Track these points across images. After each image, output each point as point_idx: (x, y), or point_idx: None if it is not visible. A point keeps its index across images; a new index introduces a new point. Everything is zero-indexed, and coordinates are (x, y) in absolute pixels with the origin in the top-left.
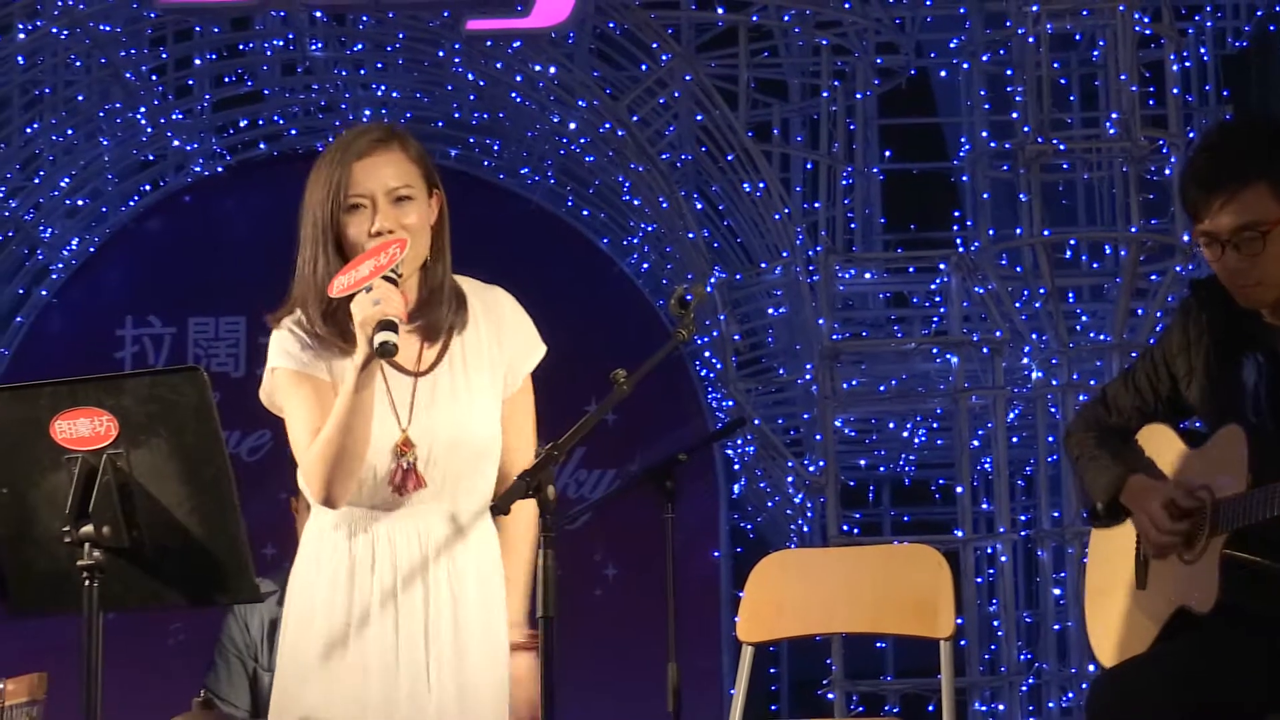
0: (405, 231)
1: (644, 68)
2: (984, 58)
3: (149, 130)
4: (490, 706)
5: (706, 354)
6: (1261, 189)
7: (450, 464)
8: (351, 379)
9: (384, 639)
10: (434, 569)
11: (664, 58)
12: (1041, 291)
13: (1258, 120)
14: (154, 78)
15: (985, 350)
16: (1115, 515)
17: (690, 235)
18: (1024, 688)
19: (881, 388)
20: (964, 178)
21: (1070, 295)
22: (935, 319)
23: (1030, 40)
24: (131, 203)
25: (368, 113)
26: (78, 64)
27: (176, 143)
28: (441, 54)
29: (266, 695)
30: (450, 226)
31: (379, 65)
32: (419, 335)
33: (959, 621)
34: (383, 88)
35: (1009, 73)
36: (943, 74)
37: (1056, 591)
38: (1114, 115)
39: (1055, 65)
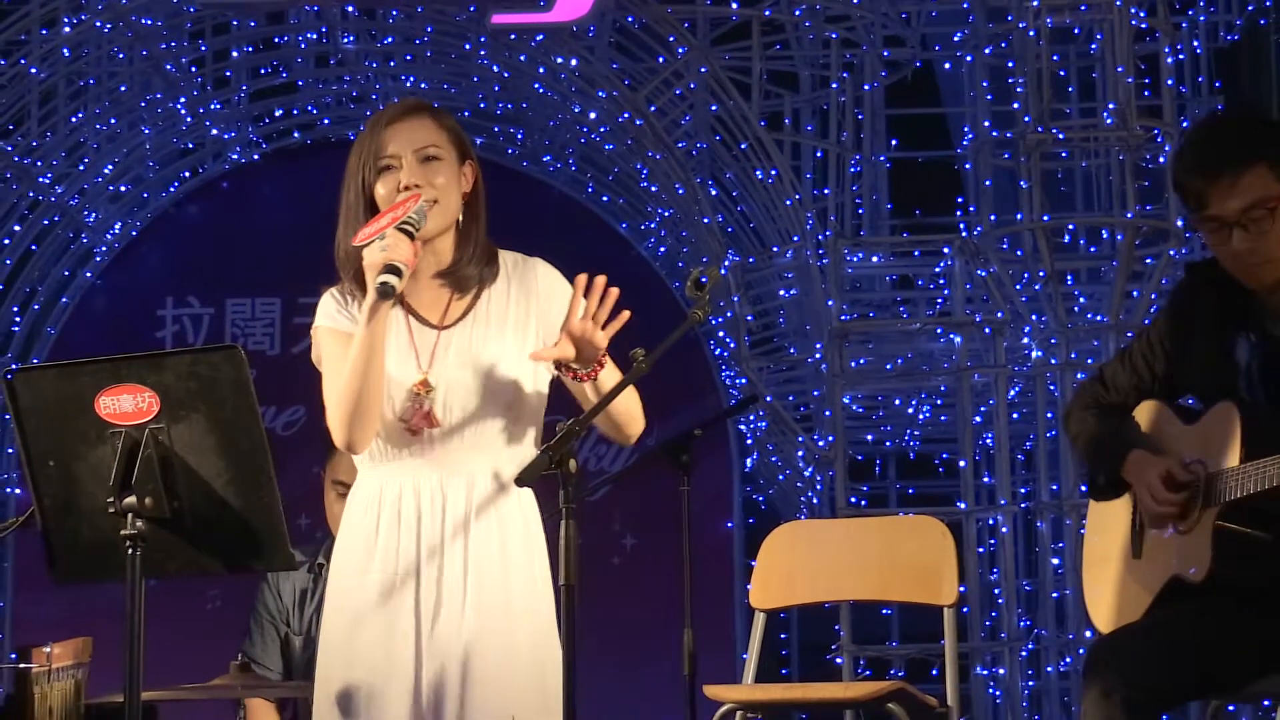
0: (433, 190)
1: (661, 60)
2: (986, 51)
3: (188, 119)
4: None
5: (721, 334)
6: (1262, 169)
7: (468, 409)
8: (362, 320)
9: (406, 597)
10: (461, 523)
11: (680, 50)
12: (1041, 274)
13: (1247, 111)
14: (193, 69)
15: (987, 330)
16: (1117, 488)
17: (705, 220)
18: (1023, 653)
19: (888, 366)
20: (967, 165)
21: (1069, 278)
22: (939, 300)
23: (1031, 34)
24: (171, 189)
25: (396, 103)
26: (120, 56)
27: (215, 131)
28: (468, 47)
29: (298, 659)
30: None
31: (408, 57)
32: (448, 290)
33: (961, 589)
34: (411, 79)
35: (1010, 65)
36: (947, 66)
37: (1055, 561)
38: (1111, 106)
39: (1055, 58)
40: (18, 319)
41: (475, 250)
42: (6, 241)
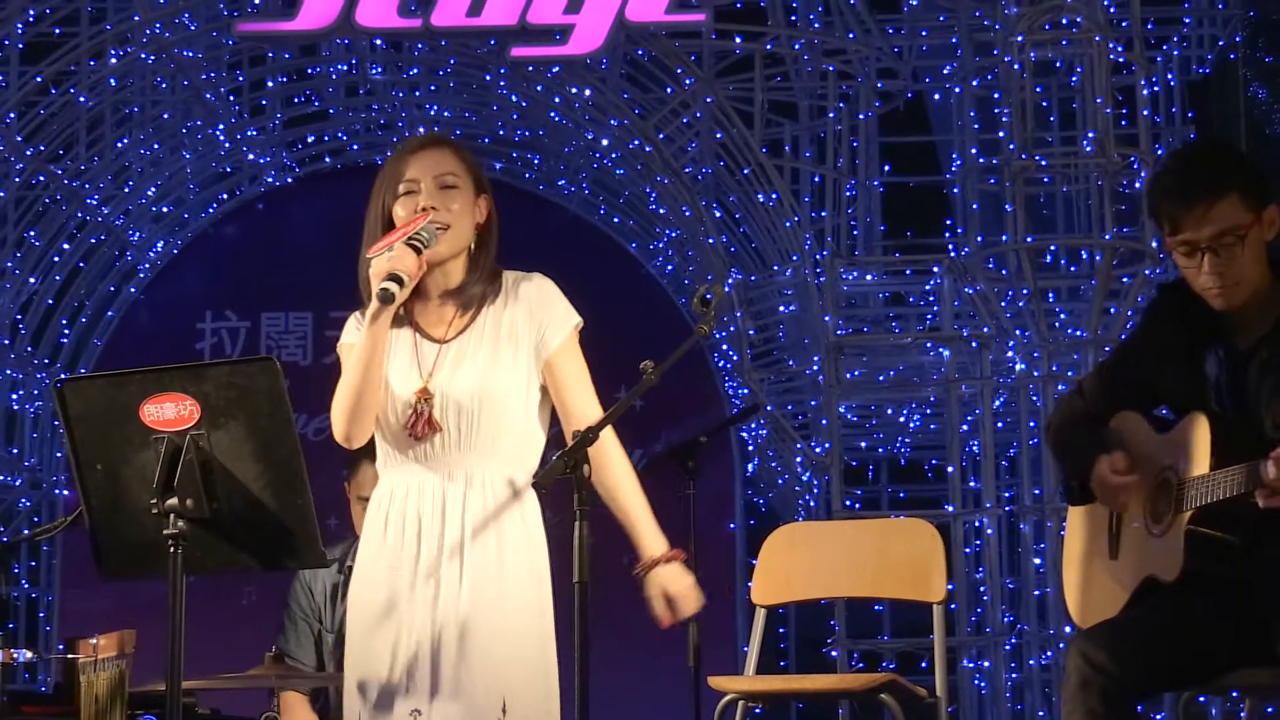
0: (449, 215)
1: (669, 90)
2: (974, 83)
3: (226, 145)
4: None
5: (724, 347)
6: (1234, 198)
7: (462, 415)
8: (365, 323)
9: (410, 587)
10: (459, 521)
11: (687, 82)
12: (1025, 292)
13: (1218, 141)
14: (231, 98)
15: (974, 344)
16: (1088, 493)
17: (710, 241)
18: (1007, 646)
19: (881, 378)
20: (955, 190)
21: (1050, 295)
22: (929, 316)
23: (1015, 67)
24: (210, 209)
25: (421, 130)
26: (163, 85)
27: (251, 156)
28: (488, 77)
29: (329, 652)
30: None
31: (432, 87)
32: (452, 308)
33: (949, 587)
34: (435, 107)
35: (996, 96)
36: (936, 97)
37: (1036, 561)
38: (1090, 134)
39: (1038, 89)
40: (67, 331)
41: (482, 275)
42: (56, 259)
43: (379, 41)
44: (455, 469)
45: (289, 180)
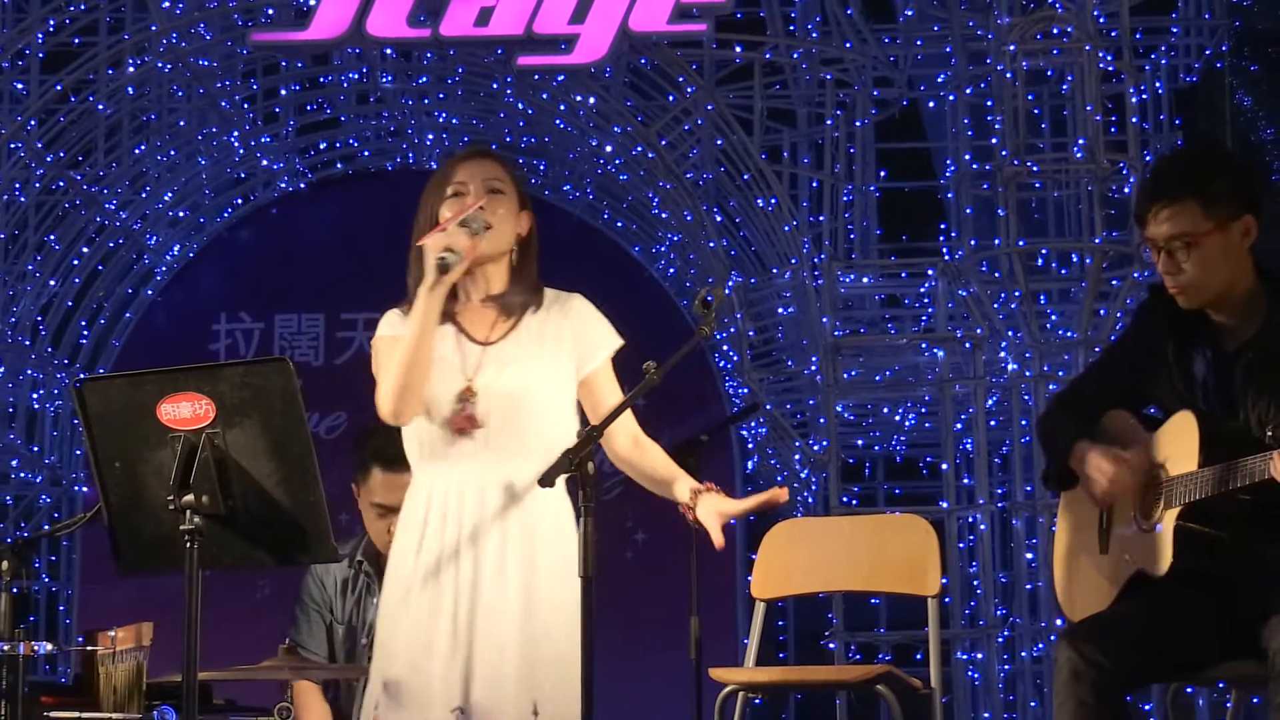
0: (493, 216)
1: (671, 98)
2: (967, 91)
3: (241, 151)
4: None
5: (725, 348)
6: (1192, 206)
7: (506, 414)
8: (420, 298)
9: (446, 582)
10: (497, 516)
11: (689, 90)
12: (1017, 294)
13: (1200, 148)
14: (245, 106)
15: (968, 345)
16: (1063, 480)
17: (711, 244)
18: (1000, 639)
19: (877, 377)
20: (949, 195)
21: (1042, 297)
22: (924, 318)
23: (1008, 75)
24: (225, 214)
25: (431, 137)
26: (179, 94)
27: (265, 162)
28: (495, 86)
29: (340, 644)
30: None
31: (441, 95)
32: (494, 313)
33: (943, 581)
34: (444, 115)
35: (989, 104)
36: (931, 105)
37: (1029, 555)
38: (1080, 141)
39: (1030, 97)
40: (86, 332)
41: (524, 285)
42: (76, 262)
43: (389, 51)
44: (492, 466)
45: (302, 185)
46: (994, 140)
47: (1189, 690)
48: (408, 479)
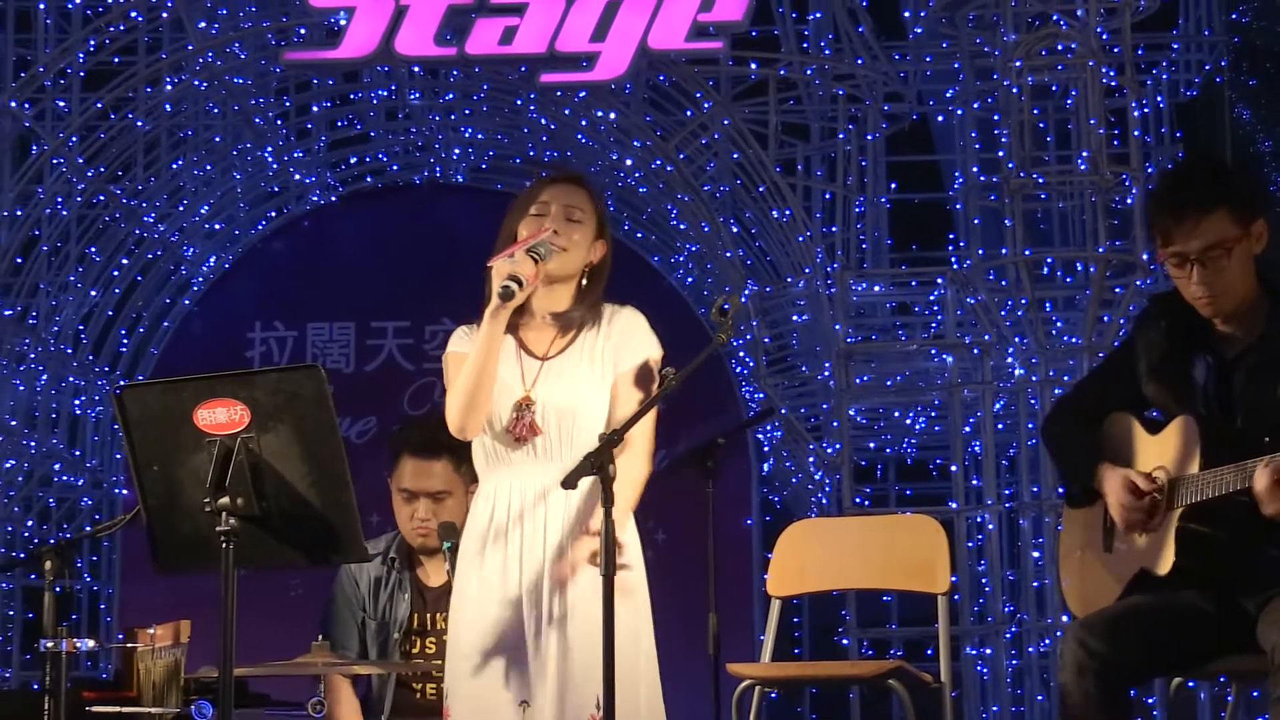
0: (567, 241)
1: (689, 113)
2: (975, 105)
3: (274, 166)
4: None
5: (741, 354)
6: (1223, 213)
7: (561, 423)
8: (485, 321)
9: (511, 581)
10: (558, 518)
11: (706, 105)
12: (1023, 302)
13: (1205, 158)
14: (279, 122)
15: (976, 351)
16: (1089, 496)
17: (728, 254)
18: (1008, 635)
19: (888, 382)
20: (958, 206)
21: (1047, 305)
22: (934, 325)
23: (1014, 90)
24: (259, 227)
25: (457, 152)
26: (215, 111)
27: (297, 176)
28: (519, 102)
29: (372, 639)
30: None
31: (467, 111)
32: (554, 330)
33: (953, 579)
34: (470, 130)
35: (996, 117)
36: (940, 119)
37: (1035, 554)
38: (1084, 153)
39: (1035, 111)
40: (125, 341)
41: (585, 306)
42: (116, 273)
43: (417, 69)
44: (551, 472)
45: (333, 199)
46: (1001, 153)
47: (1190, 684)
48: (435, 467)
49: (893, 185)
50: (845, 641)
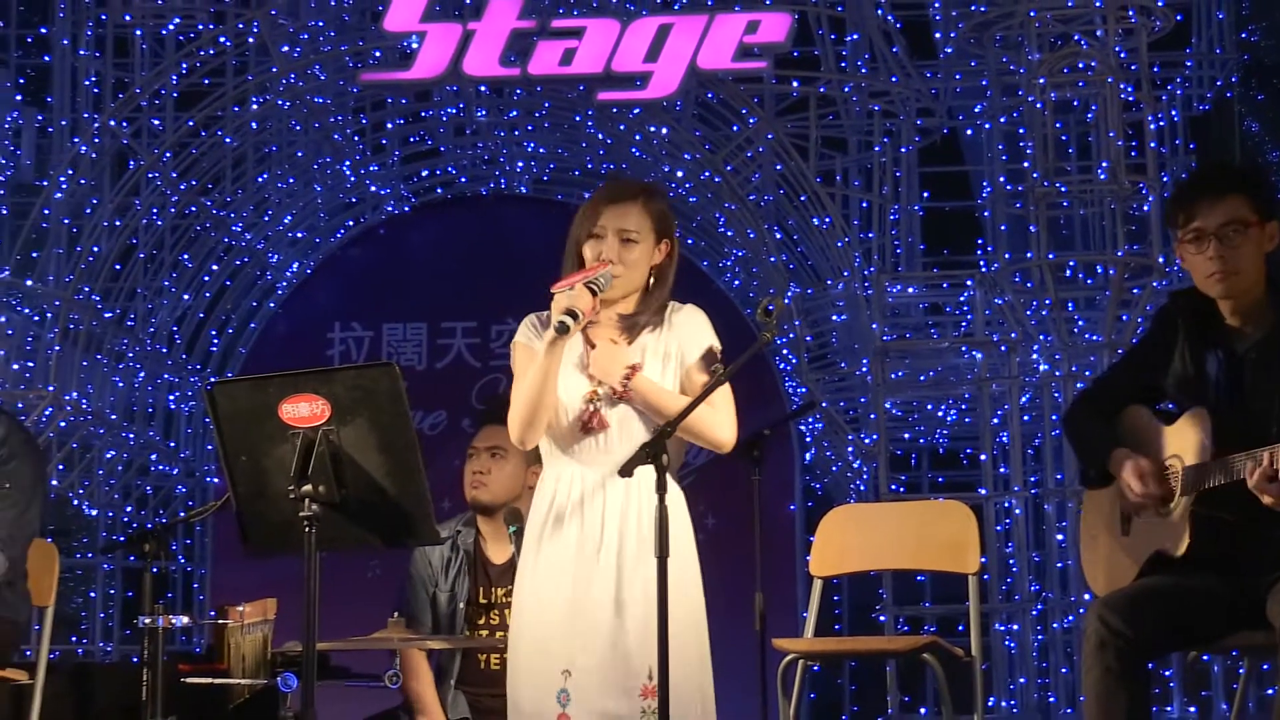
0: (624, 265)
1: (735, 128)
2: (1001, 119)
3: (351, 179)
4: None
5: (784, 351)
6: (1241, 199)
7: (624, 418)
8: (543, 348)
9: (575, 556)
10: (619, 507)
11: (751, 120)
12: (1047, 302)
13: (1223, 161)
14: (356, 138)
15: (1003, 348)
16: (1105, 479)
17: (771, 259)
18: (1034, 612)
19: (921, 377)
20: (986, 213)
21: (1070, 305)
22: (964, 324)
23: (1038, 105)
24: (338, 235)
25: (520, 165)
26: (297, 128)
27: (373, 188)
28: (578, 118)
29: (444, 611)
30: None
31: (529, 127)
32: (619, 330)
33: (983, 560)
34: (532, 145)
35: (1021, 131)
36: (969, 132)
37: (1059, 537)
38: (1104, 164)
39: (1058, 125)
40: (215, 341)
41: (650, 306)
42: (206, 278)
43: (483, 88)
44: (612, 463)
45: (406, 209)
46: (1026, 164)
47: (1205, 658)
48: (504, 432)
49: (925, 194)
50: (882, 618)
